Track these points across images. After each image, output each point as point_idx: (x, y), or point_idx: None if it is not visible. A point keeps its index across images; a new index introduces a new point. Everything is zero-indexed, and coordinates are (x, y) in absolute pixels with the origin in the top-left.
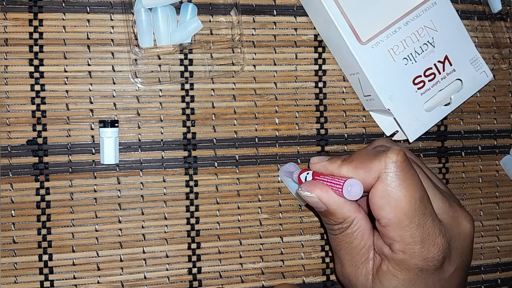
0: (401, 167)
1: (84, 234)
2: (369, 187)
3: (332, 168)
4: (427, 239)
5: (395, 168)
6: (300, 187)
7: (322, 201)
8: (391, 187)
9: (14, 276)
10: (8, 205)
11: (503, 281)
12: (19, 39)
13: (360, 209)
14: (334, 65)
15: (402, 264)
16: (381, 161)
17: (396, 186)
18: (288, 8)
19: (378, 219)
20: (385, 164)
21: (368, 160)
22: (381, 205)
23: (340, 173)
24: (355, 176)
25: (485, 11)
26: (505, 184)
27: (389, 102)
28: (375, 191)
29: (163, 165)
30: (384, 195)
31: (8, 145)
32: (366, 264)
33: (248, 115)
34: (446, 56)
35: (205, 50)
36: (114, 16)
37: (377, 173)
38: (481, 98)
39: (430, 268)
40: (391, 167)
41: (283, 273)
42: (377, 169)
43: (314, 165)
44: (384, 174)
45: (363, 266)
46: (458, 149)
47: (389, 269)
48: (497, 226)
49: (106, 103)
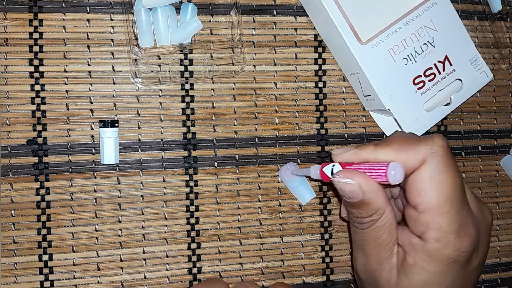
0: (447, 152)
1: (84, 234)
2: (410, 171)
3: (365, 155)
4: (462, 229)
5: (442, 152)
6: (336, 174)
7: (363, 189)
8: (437, 171)
9: (14, 276)
10: (8, 205)
11: (503, 281)
12: (19, 39)
13: (388, 201)
14: (334, 65)
15: (434, 255)
16: (427, 145)
17: (442, 170)
18: (288, 8)
19: (416, 204)
20: (432, 147)
21: (411, 143)
22: (423, 189)
23: (376, 158)
24: (395, 159)
25: (485, 11)
26: (505, 184)
27: (389, 102)
28: (418, 175)
29: (163, 165)
30: (429, 179)
31: (8, 145)
32: (390, 258)
33: (248, 115)
34: (446, 56)
35: (205, 50)
36: (114, 16)
37: (422, 156)
38: (481, 98)
39: (462, 259)
40: (439, 151)
41: (283, 273)
42: (424, 152)
43: (340, 156)
44: (430, 158)
45: (387, 261)
46: (458, 149)
47: (417, 262)
48: (497, 226)
49: (106, 103)
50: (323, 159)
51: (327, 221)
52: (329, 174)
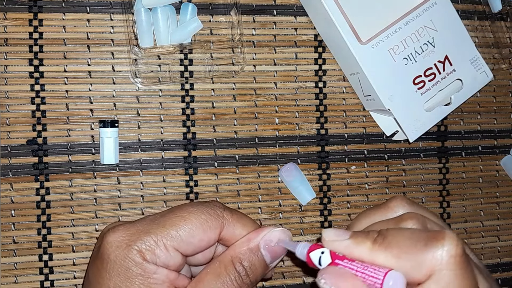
0: (461, 263)
1: (84, 234)
2: (414, 284)
3: (360, 253)
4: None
5: (455, 265)
6: (319, 276)
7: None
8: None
9: (14, 276)
10: (8, 205)
11: (504, 281)
12: (19, 39)
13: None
14: (334, 65)
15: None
16: (436, 254)
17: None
18: (288, 8)
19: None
20: (442, 258)
21: (415, 248)
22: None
23: (373, 260)
24: (396, 267)
25: (485, 11)
26: (505, 184)
27: (389, 102)
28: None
29: (163, 165)
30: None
31: (8, 145)
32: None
33: (248, 115)
34: (446, 56)
35: (205, 50)
36: (114, 16)
37: (429, 269)
38: (481, 98)
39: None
40: (450, 263)
41: (283, 273)
42: (430, 264)
43: (331, 243)
44: (439, 272)
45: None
46: (458, 149)
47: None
48: (498, 226)
49: (106, 103)
50: (323, 159)
51: (327, 222)
52: (316, 262)
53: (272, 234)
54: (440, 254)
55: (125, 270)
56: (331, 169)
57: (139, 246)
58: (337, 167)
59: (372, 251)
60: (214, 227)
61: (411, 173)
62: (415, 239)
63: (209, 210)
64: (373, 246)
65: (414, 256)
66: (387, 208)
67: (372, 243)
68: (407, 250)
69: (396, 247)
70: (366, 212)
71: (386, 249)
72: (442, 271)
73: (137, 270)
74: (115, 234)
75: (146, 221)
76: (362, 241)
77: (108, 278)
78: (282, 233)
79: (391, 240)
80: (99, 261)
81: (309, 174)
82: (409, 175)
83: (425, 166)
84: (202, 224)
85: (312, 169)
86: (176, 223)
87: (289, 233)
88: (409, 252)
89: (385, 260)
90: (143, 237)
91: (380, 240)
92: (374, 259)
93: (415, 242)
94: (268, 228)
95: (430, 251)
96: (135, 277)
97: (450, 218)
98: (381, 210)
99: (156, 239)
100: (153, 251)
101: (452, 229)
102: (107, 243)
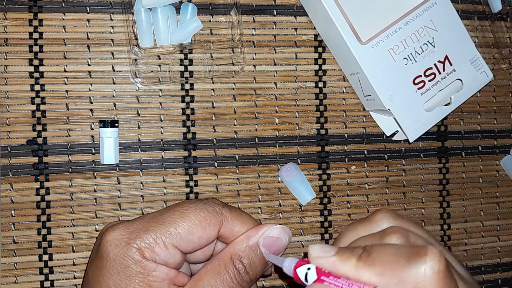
0: (444, 279)
1: (84, 234)
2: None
3: (345, 270)
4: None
5: (438, 281)
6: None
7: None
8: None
9: (14, 276)
10: (8, 205)
11: (504, 281)
12: (19, 39)
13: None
14: (334, 65)
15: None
16: (418, 270)
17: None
18: (288, 8)
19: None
20: (425, 274)
21: (398, 264)
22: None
23: (358, 277)
24: (380, 284)
25: (485, 11)
26: (505, 184)
27: (389, 102)
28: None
29: (163, 165)
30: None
31: (8, 145)
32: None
33: (248, 115)
34: (446, 56)
35: (205, 50)
36: (114, 16)
37: (413, 286)
38: (481, 98)
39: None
40: (433, 280)
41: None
42: (413, 281)
43: (317, 260)
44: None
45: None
46: (458, 149)
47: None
48: (498, 227)
49: (106, 103)
50: (323, 159)
51: (327, 222)
52: (302, 278)
53: (271, 231)
54: (423, 270)
55: (124, 268)
56: (331, 169)
57: (138, 244)
58: (337, 167)
59: (357, 268)
60: (213, 224)
61: (411, 173)
62: (398, 255)
63: (207, 208)
64: (358, 263)
65: (398, 273)
66: (372, 222)
67: (357, 260)
68: (390, 267)
69: (379, 264)
70: (351, 226)
71: (370, 266)
72: (426, 287)
73: (137, 268)
74: (114, 233)
75: (145, 219)
76: (348, 257)
77: (107, 277)
78: (281, 230)
79: (375, 257)
80: (99, 259)
81: (309, 174)
82: (409, 175)
83: (425, 166)
84: (201, 221)
85: (312, 169)
86: (175, 221)
87: (288, 230)
88: (393, 269)
89: (369, 277)
90: (142, 235)
91: (364, 257)
92: (359, 276)
93: (398, 258)
94: (267, 225)
95: (413, 268)
96: (135, 275)
97: (450, 218)
98: (366, 223)
99: (155, 237)
100: (152, 249)
101: (452, 229)
102: (106, 242)
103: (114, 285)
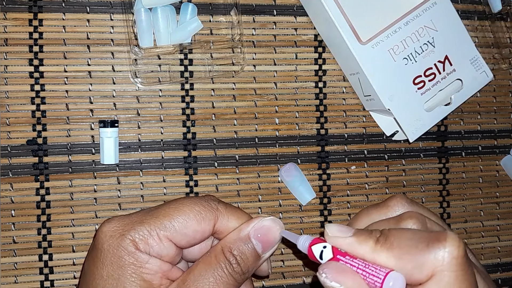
0: (462, 265)
1: (84, 234)
2: (414, 284)
3: (362, 252)
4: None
5: (456, 266)
6: (321, 271)
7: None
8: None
9: (14, 276)
10: (8, 205)
11: (504, 281)
12: (19, 39)
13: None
14: (334, 65)
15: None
16: (437, 255)
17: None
18: (288, 8)
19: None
20: (444, 260)
21: (417, 249)
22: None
23: (375, 259)
24: (397, 268)
25: (485, 11)
26: (505, 184)
27: (389, 102)
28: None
29: (163, 165)
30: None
31: (8, 145)
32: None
33: (248, 115)
34: (446, 56)
35: (205, 50)
36: (114, 16)
37: (431, 270)
38: (481, 98)
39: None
40: (452, 265)
41: (283, 273)
42: (432, 265)
43: (334, 239)
44: (440, 273)
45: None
46: (458, 149)
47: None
48: (498, 227)
49: (106, 103)
50: (323, 159)
51: (327, 222)
52: (317, 256)
53: (262, 223)
54: (442, 255)
55: (117, 259)
56: (331, 169)
57: (132, 235)
58: (337, 167)
59: (375, 250)
60: (208, 219)
61: (411, 173)
62: (416, 240)
63: (203, 202)
64: (376, 245)
65: (416, 257)
66: (387, 207)
67: (375, 242)
68: (408, 251)
69: (397, 248)
70: (366, 210)
71: (388, 250)
72: (444, 272)
73: (130, 259)
74: (109, 224)
75: (141, 212)
76: (365, 239)
77: (101, 267)
78: (272, 222)
79: (393, 240)
80: (94, 251)
81: (309, 174)
82: (409, 175)
83: (425, 166)
84: (196, 215)
85: (312, 169)
86: (170, 214)
87: (280, 221)
88: (411, 253)
89: (386, 260)
90: (136, 226)
91: (382, 240)
92: (375, 259)
93: (416, 243)
94: (258, 218)
95: (432, 252)
96: (128, 266)
97: (450, 218)
98: (381, 208)
99: (149, 228)
100: (146, 240)
101: (452, 229)
102: (101, 233)
103: (107, 275)
